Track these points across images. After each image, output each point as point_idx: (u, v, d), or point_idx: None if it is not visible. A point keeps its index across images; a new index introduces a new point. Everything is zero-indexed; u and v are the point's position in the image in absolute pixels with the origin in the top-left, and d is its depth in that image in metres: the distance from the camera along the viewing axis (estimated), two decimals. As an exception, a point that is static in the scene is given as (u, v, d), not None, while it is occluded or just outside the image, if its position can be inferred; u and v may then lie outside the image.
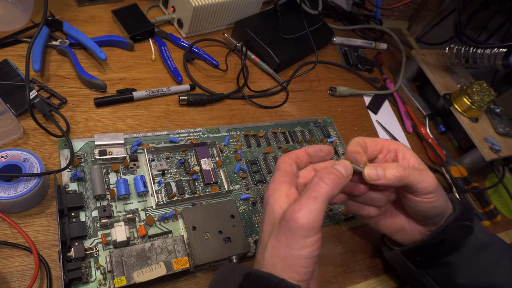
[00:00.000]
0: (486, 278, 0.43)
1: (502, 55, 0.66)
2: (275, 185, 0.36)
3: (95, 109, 0.52)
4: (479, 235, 0.43)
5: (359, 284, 0.50)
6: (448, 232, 0.41)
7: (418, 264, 0.45)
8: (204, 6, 0.62)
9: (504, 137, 0.71)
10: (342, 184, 0.34)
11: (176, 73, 0.60)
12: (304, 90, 0.71)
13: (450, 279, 0.44)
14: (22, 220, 0.41)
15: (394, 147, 0.41)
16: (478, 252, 0.43)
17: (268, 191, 0.36)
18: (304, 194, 0.33)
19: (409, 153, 0.41)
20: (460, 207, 0.42)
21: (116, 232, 0.40)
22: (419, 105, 0.80)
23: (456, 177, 0.68)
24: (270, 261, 0.32)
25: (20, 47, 0.54)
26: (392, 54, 0.91)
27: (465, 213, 0.42)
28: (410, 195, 0.39)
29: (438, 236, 0.41)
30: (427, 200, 0.38)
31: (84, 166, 0.46)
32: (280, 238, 0.32)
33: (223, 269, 0.35)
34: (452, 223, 0.41)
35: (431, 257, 0.44)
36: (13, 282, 0.37)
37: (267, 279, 0.31)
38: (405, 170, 0.37)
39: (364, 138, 0.41)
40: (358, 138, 0.40)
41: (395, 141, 0.42)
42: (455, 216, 0.41)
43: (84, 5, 0.63)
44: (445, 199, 0.40)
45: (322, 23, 0.79)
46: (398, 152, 0.41)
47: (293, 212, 0.31)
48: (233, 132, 0.56)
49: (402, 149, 0.41)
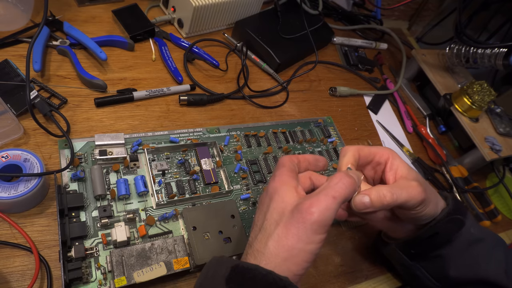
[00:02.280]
0: (478, 271, 0.44)
1: (503, 55, 0.66)
2: (283, 178, 0.36)
3: (95, 109, 0.52)
4: (472, 230, 0.44)
5: (359, 284, 0.50)
6: (440, 226, 0.41)
7: (412, 257, 0.45)
8: (205, 6, 0.62)
9: (504, 137, 0.71)
10: (355, 191, 0.35)
11: (176, 73, 0.60)
12: (304, 90, 0.71)
13: (443, 271, 0.44)
14: (22, 220, 0.41)
15: (384, 158, 0.41)
16: (470, 246, 0.44)
17: (274, 182, 0.36)
18: (322, 191, 0.33)
19: (397, 163, 0.40)
20: (453, 202, 0.43)
21: (117, 232, 0.40)
22: (419, 105, 0.80)
23: (456, 177, 0.68)
24: (273, 250, 0.32)
25: (20, 47, 0.54)
26: (392, 54, 0.91)
27: (458, 208, 0.42)
28: (400, 210, 0.40)
29: (430, 229, 0.41)
30: (414, 212, 0.39)
31: (84, 166, 0.46)
32: (290, 228, 0.32)
33: (210, 262, 0.34)
34: (444, 217, 0.41)
35: (425, 250, 0.44)
36: (13, 282, 0.37)
37: (254, 271, 0.31)
38: (392, 195, 0.36)
39: (359, 149, 0.40)
40: (352, 149, 0.40)
41: (385, 150, 0.41)
42: (448, 210, 0.41)
43: (85, 5, 0.63)
44: (435, 204, 0.40)
45: (322, 23, 0.79)
46: (387, 162, 0.41)
47: (310, 206, 0.32)
48: (233, 132, 0.56)
49: (391, 159, 0.40)
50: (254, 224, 0.36)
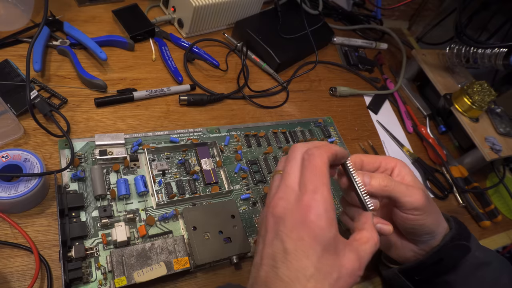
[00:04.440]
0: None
1: (503, 55, 0.66)
2: (330, 197, 0.32)
3: (95, 109, 0.52)
4: (477, 253, 0.43)
5: (359, 284, 0.50)
6: (445, 251, 0.40)
7: (416, 283, 0.44)
8: (205, 6, 0.62)
9: (504, 137, 0.71)
10: None
11: (177, 73, 0.60)
12: (304, 90, 0.71)
13: None
14: (22, 220, 0.41)
15: (391, 165, 0.40)
16: (476, 270, 0.43)
17: (327, 204, 0.31)
18: (369, 229, 0.34)
19: (405, 171, 0.40)
20: (456, 225, 0.42)
21: (117, 232, 0.40)
22: (419, 105, 0.80)
23: (456, 177, 0.68)
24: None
25: (20, 47, 0.54)
26: (392, 54, 0.91)
27: (462, 232, 0.42)
28: (397, 210, 0.39)
29: (435, 255, 0.41)
30: (413, 217, 0.38)
31: (84, 166, 0.46)
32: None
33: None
34: (449, 242, 0.40)
35: (429, 277, 0.43)
36: (13, 282, 0.37)
37: None
38: (391, 182, 0.37)
39: (361, 155, 0.40)
40: (354, 156, 0.40)
41: (393, 159, 0.41)
42: (452, 235, 0.41)
43: (85, 5, 0.63)
44: (436, 220, 0.40)
45: (322, 23, 0.79)
46: (394, 169, 0.40)
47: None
48: (233, 132, 0.56)
49: (399, 166, 0.40)
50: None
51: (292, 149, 0.35)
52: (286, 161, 0.35)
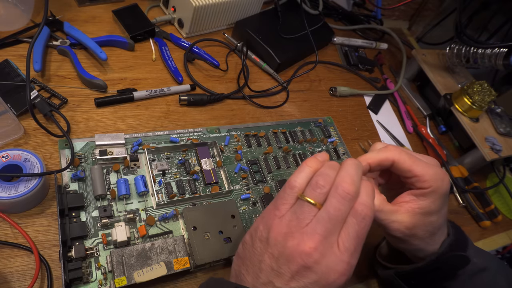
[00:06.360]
0: None
1: (503, 55, 0.66)
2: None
3: (95, 109, 0.52)
4: (474, 259, 0.42)
5: (360, 284, 0.50)
6: (443, 261, 0.40)
7: (413, 287, 0.44)
8: (205, 6, 0.63)
9: (504, 137, 0.71)
10: None
11: (177, 73, 0.60)
12: (304, 90, 0.71)
13: None
14: (22, 220, 0.41)
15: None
16: (474, 276, 0.42)
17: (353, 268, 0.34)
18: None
19: None
20: (454, 231, 0.42)
21: (117, 232, 0.40)
22: (419, 105, 0.80)
23: (456, 177, 0.68)
24: None
25: (20, 47, 0.54)
26: (392, 54, 0.91)
27: (459, 237, 0.41)
28: (406, 180, 0.38)
29: (433, 263, 0.40)
30: (421, 192, 0.37)
31: (84, 166, 0.46)
32: None
33: (208, 283, 0.34)
34: (447, 250, 0.40)
35: (427, 283, 0.43)
36: (13, 282, 0.37)
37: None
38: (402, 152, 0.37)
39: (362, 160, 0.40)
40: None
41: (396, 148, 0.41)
42: (450, 242, 0.40)
43: (85, 5, 0.63)
44: (442, 215, 0.39)
45: (322, 23, 0.79)
46: None
47: None
48: (233, 132, 0.56)
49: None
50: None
51: (336, 197, 0.33)
52: (328, 213, 0.32)
